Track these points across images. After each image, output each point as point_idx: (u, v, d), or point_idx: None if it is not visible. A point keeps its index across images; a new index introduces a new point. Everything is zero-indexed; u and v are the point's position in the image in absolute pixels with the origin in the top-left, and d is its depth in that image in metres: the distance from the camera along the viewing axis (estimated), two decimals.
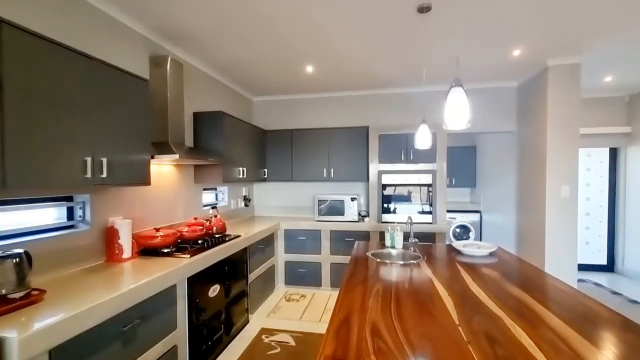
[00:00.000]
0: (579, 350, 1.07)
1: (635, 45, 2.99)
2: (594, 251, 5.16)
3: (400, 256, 2.50)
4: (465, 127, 1.49)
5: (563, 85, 3.35)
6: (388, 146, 4.11)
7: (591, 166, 5.11)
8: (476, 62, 3.40)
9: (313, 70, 3.63)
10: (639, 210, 4.53)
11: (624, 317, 1.33)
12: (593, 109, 4.76)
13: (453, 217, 5.79)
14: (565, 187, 3.37)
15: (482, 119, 4.24)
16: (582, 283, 4.50)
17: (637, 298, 3.93)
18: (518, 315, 1.33)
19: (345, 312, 1.36)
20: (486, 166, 5.37)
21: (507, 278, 1.85)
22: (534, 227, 3.70)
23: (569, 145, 3.35)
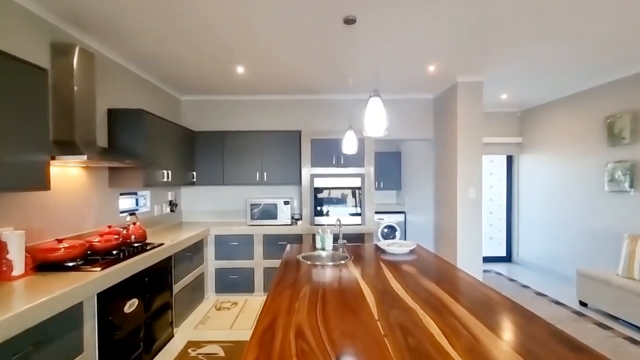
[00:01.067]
0: (476, 333, 1.22)
1: (523, 70, 3.55)
2: (496, 245, 5.94)
3: (329, 257, 2.57)
4: (382, 135, 1.60)
5: (469, 100, 3.82)
6: (320, 150, 4.22)
7: (493, 170, 5.89)
8: (398, 74, 3.68)
9: (244, 72, 3.57)
10: (528, 209, 5.35)
11: (512, 301, 1.55)
12: (493, 122, 5.50)
13: (381, 218, 6.15)
14: (472, 189, 3.83)
15: (404, 127, 4.61)
16: (487, 273, 5.14)
17: (527, 283, 4.62)
18: (429, 307, 1.47)
19: (271, 317, 1.36)
20: (409, 170, 5.83)
21: (422, 273, 2.03)
22: (448, 225, 4.13)
23: (474, 152, 3.83)
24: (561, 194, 4.63)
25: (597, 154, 4.03)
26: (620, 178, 3.70)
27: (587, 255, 4.20)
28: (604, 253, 3.96)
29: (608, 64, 3.42)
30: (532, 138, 5.20)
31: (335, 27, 2.49)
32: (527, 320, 1.34)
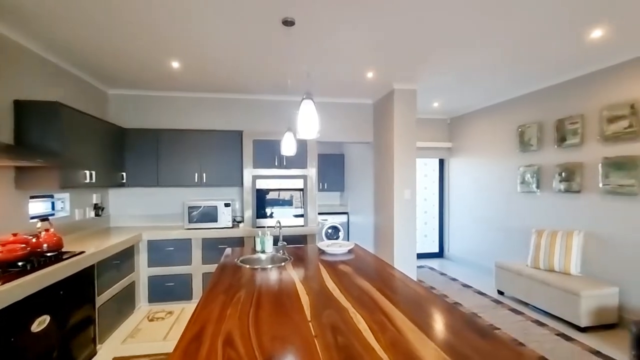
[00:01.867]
0: (400, 327, 1.29)
1: (451, 82, 3.88)
2: (430, 242, 6.39)
3: (269, 260, 2.54)
4: (315, 137, 1.63)
5: (404, 106, 4.06)
6: (262, 151, 4.16)
7: (428, 173, 6.34)
8: (339, 78, 3.78)
9: (180, 67, 3.38)
10: (457, 208, 5.84)
11: (435, 295, 1.68)
12: (426, 127, 5.93)
13: (325, 219, 6.25)
14: (407, 190, 4.07)
15: (346, 130, 4.75)
16: (421, 268, 5.51)
17: (455, 276, 5.04)
18: (361, 305, 1.53)
19: (200, 326, 1.30)
20: (352, 172, 6.01)
21: (358, 272, 2.10)
22: (386, 225, 4.34)
23: (409, 156, 4.08)
24: (483, 194, 5.14)
25: (511, 158, 4.55)
26: (529, 180, 4.22)
27: (504, 249, 4.72)
28: (518, 247, 4.47)
29: (519, 81, 3.88)
30: (460, 143, 5.70)
31: (274, 27, 2.47)
32: (446, 312, 1.46)
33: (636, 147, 3.02)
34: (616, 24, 2.50)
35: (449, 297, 4.13)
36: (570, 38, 2.75)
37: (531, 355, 1.06)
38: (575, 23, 2.49)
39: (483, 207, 5.15)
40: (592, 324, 3.12)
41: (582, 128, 3.52)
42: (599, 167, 3.33)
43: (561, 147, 3.76)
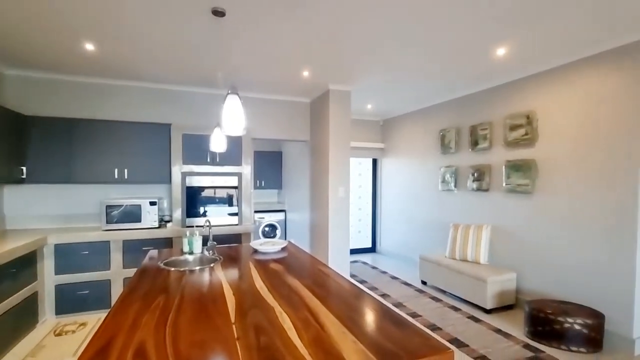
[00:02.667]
0: (324, 323, 1.33)
1: (383, 85, 4.09)
2: (364, 237, 6.70)
3: (197, 261, 2.42)
4: (241, 133, 1.59)
5: (339, 107, 4.18)
6: (193, 147, 3.94)
7: (362, 171, 6.62)
8: (274, 75, 3.74)
9: (95, 50, 3.03)
10: (388, 205, 6.21)
11: (359, 289, 1.76)
12: (361, 128, 6.19)
13: (262, 217, 6.17)
14: (341, 188, 4.21)
15: (283, 128, 4.73)
16: (355, 263, 5.75)
17: (385, 269, 5.36)
18: (287, 303, 1.54)
19: (108, 338, 1.18)
20: (289, 170, 6.02)
21: (288, 270, 2.11)
22: (321, 222, 4.43)
23: (343, 155, 4.21)
24: (411, 192, 5.54)
25: (434, 159, 4.98)
26: (448, 179, 4.67)
27: (428, 243, 5.15)
28: (439, 240, 4.91)
29: (441, 89, 4.25)
30: (391, 144, 6.07)
31: (203, 16, 2.35)
32: (367, 304, 1.54)
33: (531, 152, 3.53)
34: (515, 45, 2.88)
35: (378, 289, 4.37)
36: (481, 54, 3.09)
37: (437, 342, 1.17)
38: (484, 41, 2.81)
39: (410, 204, 5.55)
40: (496, 306, 3.58)
41: (490, 134, 3.99)
42: (503, 168, 3.82)
43: (474, 150, 4.23)
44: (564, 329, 2.80)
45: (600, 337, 2.79)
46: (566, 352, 2.78)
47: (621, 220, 2.79)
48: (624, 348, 2.77)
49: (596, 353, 2.77)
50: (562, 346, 2.81)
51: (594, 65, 2.98)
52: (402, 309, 3.73)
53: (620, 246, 2.80)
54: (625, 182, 2.76)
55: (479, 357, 2.72)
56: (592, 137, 3.00)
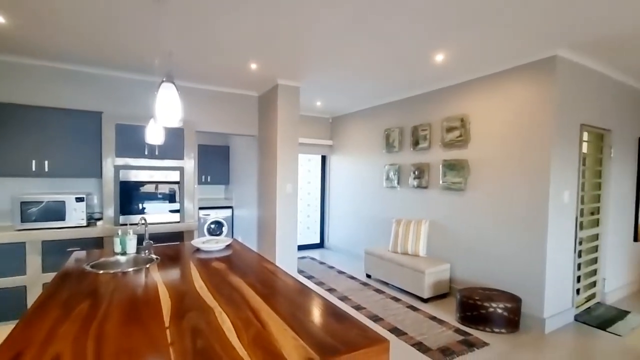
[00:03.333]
0: (265, 321, 1.31)
1: (331, 83, 4.14)
2: (312, 233, 6.76)
3: (130, 262, 2.24)
4: (177, 125, 1.50)
5: (288, 102, 4.15)
6: (128, 138, 3.63)
7: (311, 168, 6.66)
8: (221, 66, 3.59)
9: (6, 22, 2.63)
10: (336, 201, 6.33)
11: (303, 285, 1.76)
12: (310, 124, 6.22)
13: (207, 214, 5.92)
14: (289, 184, 4.19)
15: (230, 122, 4.57)
16: (303, 259, 5.79)
17: (333, 264, 5.47)
18: (228, 302, 1.49)
19: (14, 353, 1.04)
20: (237, 165, 5.84)
21: (232, 268, 2.05)
22: (269, 218, 4.37)
23: (291, 151, 4.20)
24: (357, 189, 5.71)
25: (379, 158, 5.19)
26: (392, 177, 4.89)
27: (373, 237, 5.35)
28: (383, 234, 5.13)
29: (386, 90, 4.43)
30: (340, 141, 6.19)
31: None
32: (310, 300, 1.55)
33: (464, 153, 3.83)
34: (452, 53, 3.10)
35: (325, 284, 4.45)
36: (422, 59, 3.27)
37: (375, 333, 1.21)
38: (425, 48, 2.98)
39: (357, 201, 5.72)
40: (432, 295, 3.84)
41: (430, 135, 4.26)
42: (440, 167, 4.10)
43: (415, 149, 4.48)
44: (489, 313, 3.10)
45: (518, 318, 3.14)
46: (490, 334, 3.08)
47: (535, 214, 3.16)
48: (537, 327, 3.15)
49: (514, 333, 3.11)
50: (486, 328, 3.12)
51: (516, 76, 3.32)
52: (347, 302, 3.84)
53: (534, 237, 3.17)
54: (538, 180, 3.13)
55: (416, 343, 2.91)
56: (513, 140, 3.34)
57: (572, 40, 2.78)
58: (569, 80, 3.14)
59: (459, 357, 2.71)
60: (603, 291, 3.83)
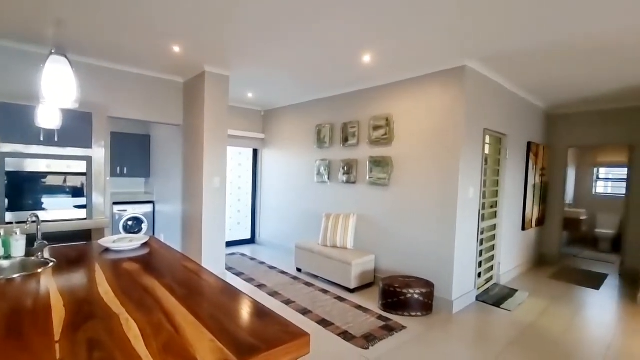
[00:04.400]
0: (180, 324, 1.21)
1: (262, 76, 4.04)
2: (243, 229, 6.58)
3: (16, 268, 1.90)
4: (72, 107, 1.30)
5: (216, 91, 3.94)
6: (15, 120, 3.07)
7: (242, 162, 6.45)
8: (136, 45, 3.24)
9: None
10: (268, 196, 6.25)
11: (225, 283, 1.69)
12: (242, 117, 6.01)
13: (124, 210, 5.37)
14: (217, 178, 3.99)
15: (152, 108, 4.17)
16: (233, 255, 5.59)
17: (264, 260, 5.39)
18: (138, 307, 1.35)
19: None
20: (159, 156, 5.38)
21: (146, 269, 1.87)
22: (195, 214, 4.12)
23: (220, 143, 4.00)
24: (289, 183, 5.70)
25: (311, 153, 5.25)
26: (323, 172, 4.99)
27: (304, 232, 5.41)
28: (314, 229, 5.22)
29: (318, 86, 4.48)
30: (272, 135, 6.10)
31: None
32: (232, 299, 1.49)
33: (388, 150, 4.08)
34: (377, 54, 3.25)
35: (255, 280, 4.36)
36: (350, 59, 3.37)
37: (296, 328, 1.21)
38: (352, 48, 3.07)
39: (289, 195, 5.72)
40: (358, 285, 4.03)
41: (358, 132, 4.44)
42: (367, 163, 4.31)
43: (345, 146, 4.63)
44: (407, 298, 3.36)
45: (431, 302, 3.47)
46: (408, 318, 3.35)
47: (446, 208, 3.51)
48: (446, 308, 3.52)
49: (427, 315, 3.43)
50: (405, 313, 3.38)
51: (434, 81, 3.63)
52: (277, 297, 3.82)
53: (445, 228, 3.53)
54: (450, 177, 3.48)
55: (342, 332, 3.02)
56: (430, 140, 3.66)
57: (477, 53, 3.13)
58: (475, 89, 3.53)
59: (380, 341, 2.89)
60: (498, 273, 4.45)
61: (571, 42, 2.81)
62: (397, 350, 2.75)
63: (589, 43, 2.80)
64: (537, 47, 2.94)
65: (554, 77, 3.76)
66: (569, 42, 2.80)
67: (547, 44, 2.86)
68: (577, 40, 2.76)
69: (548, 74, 3.66)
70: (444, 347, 2.85)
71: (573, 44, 2.84)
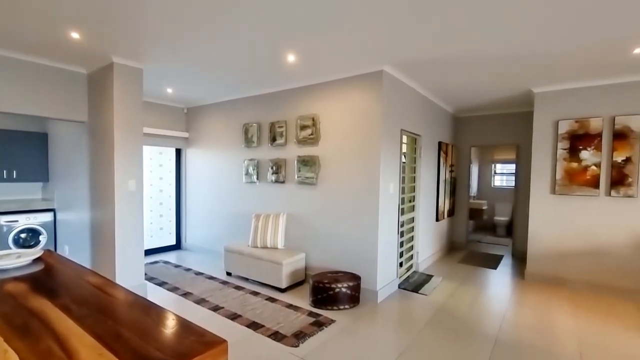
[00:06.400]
0: (75, 349, 1.07)
1: (183, 70, 3.79)
2: (167, 234, 6.11)
3: None
4: None
5: (128, 85, 3.58)
6: None
7: (163, 162, 5.99)
8: (27, 27, 2.78)
9: None
10: (194, 198, 5.90)
11: (137, 297, 1.55)
12: (162, 114, 5.58)
13: (14, 220, 4.62)
14: (132, 181, 3.64)
15: (48, 102, 3.62)
16: (155, 264, 5.16)
17: (190, 266, 5.08)
18: (22, 334, 1.16)
19: None
20: (61, 157, 4.70)
21: (37, 289, 1.62)
22: (106, 221, 3.69)
23: (134, 143, 3.65)
24: (217, 184, 5.47)
25: (239, 152, 5.10)
26: (251, 172, 4.89)
27: (234, 234, 5.24)
28: (244, 230, 5.08)
29: (244, 84, 4.37)
30: (197, 134, 5.77)
31: None
32: (143, 312, 1.37)
33: (315, 150, 4.17)
34: (301, 55, 3.30)
35: (180, 289, 4.10)
36: (273, 58, 3.35)
37: (212, 336, 1.17)
38: (275, 47, 3.06)
39: (217, 197, 5.48)
40: (289, 284, 4.05)
41: (286, 131, 4.45)
42: (295, 163, 4.35)
43: (273, 145, 4.60)
44: (336, 293, 3.49)
45: (358, 294, 3.65)
46: (337, 311, 3.47)
47: (370, 203, 3.72)
48: (372, 299, 3.74)
49: (355, 307, 3.60)
50: (334, 307, 3.50)
51: (356, 84, 3.81)
52: (204, 304, 3.64)
53: (369, 223, 3.74)
54: (372, 175, 3.70)
55: (273, 333, 3.00)
56: (353, 140, 3.84)
57: (393, 59, 3.38)
58: (392, 92, 3.81)
59: (311, 337, 2.94)
60: (417, 262, 4.87)
61: (466, 56, 3.21)
62: (326, 344, 2.84)
63: (480, 58, 3.23)
64: (439, 58, 3.28)
65: (456, 84, 4.25)
66: (465, 56, 3.19)
67: (447, 56, 3.22)
68: (471, 54, 3.16)
69: (451, 82, 4.12)
70: (369, 334, 3.02)
71: (468, 58, 3.24)
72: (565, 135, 4.22)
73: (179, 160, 6.07)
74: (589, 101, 4.08)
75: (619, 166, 3.91)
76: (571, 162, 4.18)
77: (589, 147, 4.07)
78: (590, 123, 4.07)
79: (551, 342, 2.92)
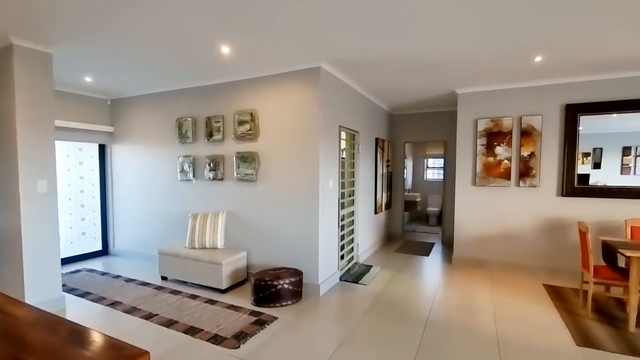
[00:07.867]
0: None
1: (102, 57, 3.42)
2: (91, 239, 5.52)
3: None
4: None
5: (34, 72, 3.13)
6: None
7: (83, 160, 5.37)
8: None
9: None
10: (123, 199, 5.40)
11: (42, 313, 1.37)
12: (82, 106, 5.00)
13: None
14: (43, 181, 3.20)
15: None
16: (76, 273, 4.64)
17: (119, 273, 4.66)
18: None
19: None
20: None
21: None
22: (9, 229, 3.20)
23: (43, 137, 3.21)
24: (149, 183, 5.07)
25: (172, 148, 4.79)
26: (187, 169, 4.62)
27: (169, 236, 4.91)
28: (180, 231, 4.80)
29: (175, 76, 4.09)
30: (124, 128, 5.27)
31: None
32: (50, 331, 1.22)
33: (254, 145, 4.08)
34: (237, 48, 3.19)
35: (107, 298, 3.74)
36: (206, 49, 3.19)
37: (133, 349, 1.08)
38: (209, 36, 2.91)
39: (148, 196, 5.08)
40: (230, 285, 3.93)
41: (223, 127, 4.28)
42: (234, 159, 4.21)
43: (210, 141, 4.40)
44: (278, 290, 3.47)
45: (301, 289, 3.67)
46: (279, 308, 3.46)
47: (310, 199, 3.77)
48: (314, 293, 3.79)
49: (298, 302, 3.63)
50: (277, 304, 3.48)
51: (295, 79, 3.80)
52: (135, 313, 3.36)
53: (310, 218, 3.78)
54: (311, 170, 3.74)
55: (212, 337, 2.89)
56: (292, 136, 3.84)
57: (330, 57, 3.44)
58: (330, 89, 3.87)
59: (252, 337, 2.89)
60: (357, 253, 5.07)
61: (393, 58, 3.39)
62: (267, 342, 2.81)
63: (407, 61, 3.44)
64: (370, 58, 3.42)
65: (389, 84, 4.48)
66: (392, 58, 3.38)
67: (376, 57, 3.37)
68: (397, 57, 3.35)
69: (384, 81, 4.33)
70: (311, 328, 3.07)
71: (395, 59, 3.43)
72: (483, 132, 4.70)
73: (104, 157, 5.49)
74: (502, 102, 4.60)
75: (525, 160, 4.48)
76: (488, 156, 4.68)
77: (502, 143, 4.59)
78: (502, 122, 4.58)
79: (473, 318, 3.26)
